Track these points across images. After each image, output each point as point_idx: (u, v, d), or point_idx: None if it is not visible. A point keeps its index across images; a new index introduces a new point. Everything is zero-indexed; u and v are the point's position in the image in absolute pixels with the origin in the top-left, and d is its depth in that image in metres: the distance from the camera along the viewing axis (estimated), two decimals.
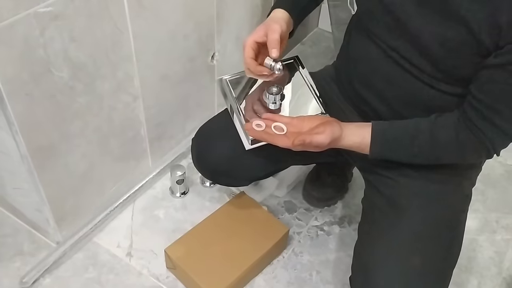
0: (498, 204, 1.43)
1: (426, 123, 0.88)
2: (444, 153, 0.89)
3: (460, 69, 0.82)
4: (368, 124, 0.91)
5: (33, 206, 1.14)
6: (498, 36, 0.75)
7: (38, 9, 0.84)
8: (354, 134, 0.90)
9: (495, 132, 0.82)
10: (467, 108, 0.84)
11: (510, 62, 0.75)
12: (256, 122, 0.90)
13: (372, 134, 0.90)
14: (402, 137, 0.90)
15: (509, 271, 1.28)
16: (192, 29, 1.23)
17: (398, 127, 0.90)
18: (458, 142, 0.86)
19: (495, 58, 0.77)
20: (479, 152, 0.86)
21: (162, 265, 1.21)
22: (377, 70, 0.92)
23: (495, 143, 0.84)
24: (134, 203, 1.35)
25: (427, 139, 0.88)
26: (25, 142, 0.96)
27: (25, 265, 1.17)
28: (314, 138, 0.86)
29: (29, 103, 0.92)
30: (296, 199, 1.40)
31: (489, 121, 0.81)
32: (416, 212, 0.93)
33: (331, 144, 0.88)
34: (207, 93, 1.43)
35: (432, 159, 0.91)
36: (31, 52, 0.87)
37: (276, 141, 0.88)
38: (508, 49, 0.75)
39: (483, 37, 0.76)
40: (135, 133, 1.25)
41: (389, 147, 0.91)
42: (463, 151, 0.88)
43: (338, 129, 0.89)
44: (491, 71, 0.78)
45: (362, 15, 0.94)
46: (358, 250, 0.98)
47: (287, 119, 0.91)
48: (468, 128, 0.84)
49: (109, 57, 1.04)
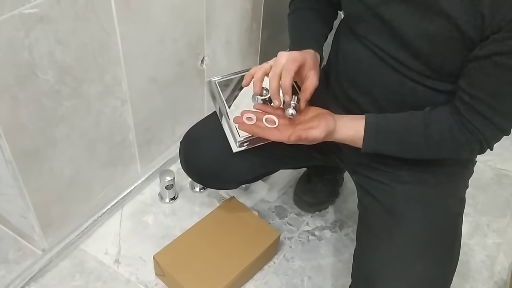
0: (488, 208, 1.44)
1: (420, 116, 0.87)
2: (437, 146, 0.88)
3: (448, 64, 0.82)
4: (362, 117, 0.90)
5: (18, 212, 1.12)
6: (482, 26, 0.74)
7: (23, 10, 0.83)
8: (348, 127, 0.89)
9: (486, 125, 0.82)
10: (458, 103, 0.83)
11: (496, 53, 0.75)
12: (247, 115, 0.88)
13: (366, 126, 0.88)
14: (395, 130, 0.88)
15: (501, 274, 1.27)
16: (182, 33, 1.22)
17: (392, 119, 0.89)
18: (452, 135, 0.85)
19: (480, 50, 0.76)
20: (471, 146, 0.85)
21: (151, 272, 1.19)
22: (366, 71, 0.92)
23: (487, 136, 0.83)
24: (122, 209, 1.33)
25: (421, 132, 0.87)
26: (9, 147, 0.94)
27: (10, 273, 1.14)
28: (310, 133, 0.85)
29: (13, 106, 0.91)
30: (287, 204, 1.39)
31: (480, 114, 0.81)
32: (415, 217, 0.93)
33: (326, 137, 0.87)
34: (196, 98, 1.42)
35: (424, 153, 0.89)
36: (15, 54, 0.86)
37: (267, 135, 0.86)
38: (492, 40, 0.74)
39: (466, 29, 0.75)
40: (123, 137, 1.23)
41: (382, 139, 0.89)
42: (456, 145, 0.86)
43: (332, 122, 0.88)
44: (478, 64, 0.78)
45: (349, 18, 0.94)
46: (358, 258, 0.97)
47: (279, 111, 0.90)
48: (461, 122, 0.84)
49: (96, 60, 1.02)
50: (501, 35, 0.73)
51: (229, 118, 0.97)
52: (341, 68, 0.98)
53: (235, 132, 0.95)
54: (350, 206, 1.40)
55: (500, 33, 0.73)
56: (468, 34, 0.76)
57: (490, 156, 1.32)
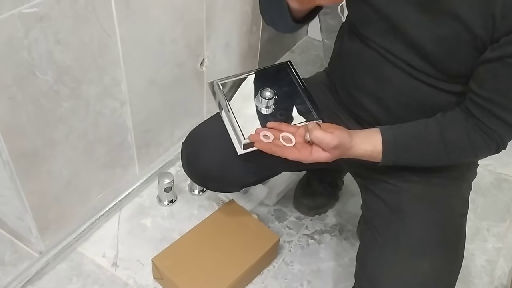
0: (488, 212, 1.44)
1: (435, 124, 0.87)
2: (456, 152, 0.88)
3: (458, 66, 0.82)
4: (376, 131, 0.89)
5: (15, 214, 1.11)
6: (493, 28, 0.75)
7: (23, 10, 0.82)
8: (365, 142, 0.88)
9: (500, 125, 0.82)
10: (470, 106, 0.83)
11: (507, 55, 0.75)
12: (264, 133, 0.87)
13: (383, 140, 0.87)
14: (413, 141, 0.88)
15: (501, 279, 1.27)
16: (181, 34, 1.21)
17: (408, 130, 0.88)
18: (470, 140, 0.85)
19: (492, 52, 0.77)
20: (490, 147, 0.86)
21: (149, 276, 1.18)
22: (373, 73, 0.91)
23: (503, 136, 0.84)
24: (120, 212, 1.32)
25: (438, 140, 0.86)
26: (7, 148, 0.93)
27: (6, 276, 1.13)
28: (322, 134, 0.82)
29: (12, 107, 0.90)
30: (286, 207, 1.39)
31: (493, 115, 0.81)
32: (420, 217, 0.92)
33: (339, 148, 0.85)
34: (196, 100, 1.42)
35: (444, 159, 0.89)
36: (14, 54, 0.85)
37: (286, 154, 0.85)
38: (504, 41, 0.75)
39: (477, 31, 0.76)
40: (122, 139, 1.23)
41: (400, 153, 0.88)
42: (475, 148, 0.87)
43: (347, 135, 0.86)
44: (490, 66, 0.78)
45: (355, 21, 0.93)
46: (362, 258, 0.96)
47: (293, 129, 0.88)
48: (476, 125, 0.84)
49: (95, 61, 1.02)
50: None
51: (233, 120, 0.96)
52: (346, 70, 0.98)
53: (239, 134, 0.94)
54: (350, 209, 1.39)
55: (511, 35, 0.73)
56: (480, 37, 0.76)
57: (490, 160, 1.32)
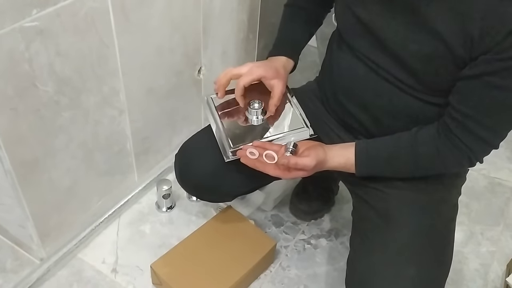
0: (482, 216, 1.45)
1: (407, 139, 0.90)
2: (427, 166, 0.91)
3: (441, 80, 0.85)
4: (352, 144, 0.94)
5: (16, 222, 1.12)
6: (471, 48, 0.77)
7: (24, 24, 0.84)
8: (338, 155, 0.94)
9: (473, 140, 0.84)
10: (447, 119, 0.86)
11: (484, 73, 0.77)
12: (250, 150, 0.92)
13: (356, 154, 0.93)
14: (384, 155, 0.93)
15: (495, 283, 1.28)
16: (179, 43, 1.23)
17: (380, 145, 0.93)
18: (439, 154, 0.88)
19: (470, 69, 0.79)
20: (460, 161, 0.88)
21: (148, 281, 1.20)
22: (360, 83, 0.94)
23: (475, 151, 0.86)
24: (119, 218, 1.33)
25: (409, 154, 0.90)
26: (8, 157, 0.95)
27: (8, 283, 1.14)
28: (300, 160, 0.89)
29: (13, 117, 0.92)
30: (283, 212, 1.40)
31: (467, 130, 0.83)
32: (408, 222, 0.94)
33: (318, 166, 0.91)
34: (193, 107, 1.43)
35: (415, 172, 0.94)
36: (16, 66, 0.87)
37: (267, 170, 0.92)
38: (481, 60, 0.77)
39: (457, 50, 0.78)
40: (121, 147, 1.24)
41: (373, 165, 0.94)
42: (445, 163, 0.90)
43: (322, 151, 0.92)
44: (468, 82, 0.80)
45: (342, 30, 0.96)
46: (352, 264, 0.97)
47: (276, 147, 0.93)
48: (448, 138, 0.86)
49: (94, 71, 1.03)
50: (490, 56, 0.76)
51: (222, 130, 1.00)
52: (336, 80, 1.00)
53: (225, 144, 0.98)
54: (346, 214, 1.40)
55: (489, 54, 0.76)
56: (459, 55, 0.79)
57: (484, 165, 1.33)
